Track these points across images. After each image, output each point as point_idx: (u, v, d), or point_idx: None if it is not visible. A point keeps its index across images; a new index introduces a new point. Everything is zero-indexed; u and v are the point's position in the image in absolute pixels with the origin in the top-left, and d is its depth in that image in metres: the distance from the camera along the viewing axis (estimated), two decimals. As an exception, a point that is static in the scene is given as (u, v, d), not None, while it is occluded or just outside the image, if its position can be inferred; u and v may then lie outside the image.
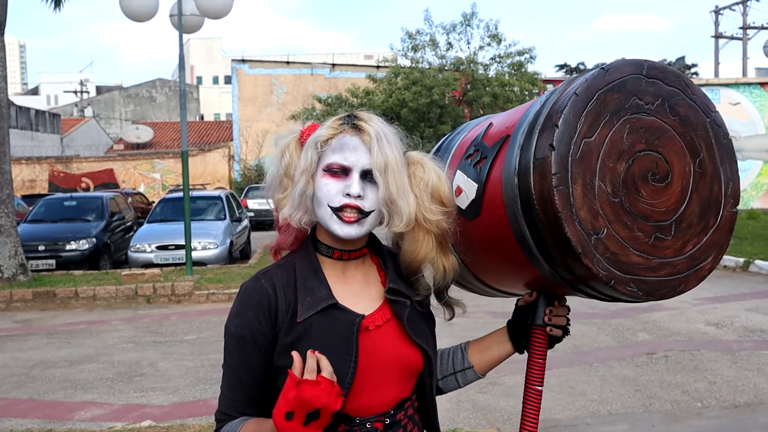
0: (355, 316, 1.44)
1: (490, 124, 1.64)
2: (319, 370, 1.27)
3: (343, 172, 1.43)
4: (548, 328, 1.62)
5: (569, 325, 1.65)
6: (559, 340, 1.65)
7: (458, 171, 1.63)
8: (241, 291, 1.48)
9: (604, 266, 1.36)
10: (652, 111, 1.42)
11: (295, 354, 1.28)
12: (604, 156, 1.38)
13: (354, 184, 1.41)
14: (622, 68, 1.42)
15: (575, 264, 1.37)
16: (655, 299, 1.43)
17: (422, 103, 18.60)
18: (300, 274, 1.47)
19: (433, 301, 1.61)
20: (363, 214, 1.42)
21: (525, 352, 1.68)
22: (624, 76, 1.41)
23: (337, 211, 1.42)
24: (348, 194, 1.41)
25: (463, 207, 1.58)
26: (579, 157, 1.36)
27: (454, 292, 1.64)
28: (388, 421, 1.46)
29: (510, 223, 1.45)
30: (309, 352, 1.28)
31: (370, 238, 1.55)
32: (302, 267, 1.48)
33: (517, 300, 1.70)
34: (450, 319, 1.63)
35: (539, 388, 1.66)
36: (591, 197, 1.36)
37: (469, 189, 1.56)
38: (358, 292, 1.50)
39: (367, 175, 1.43)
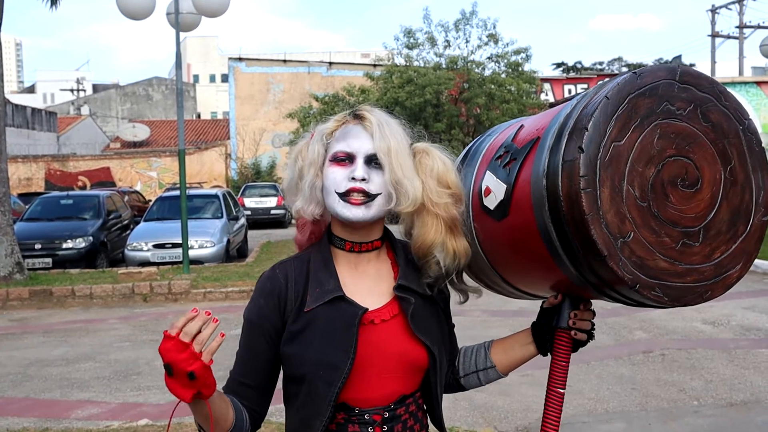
0: (359, 309, 1.48)
1: (521, 126, 1.65)
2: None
3: (348, 159, 1.49)
4: (573, 332, 1.62)
5: (594, 329, 1.65)
6: (583, 344, 1.65)
7: (488, 172, 1.63)
8: (258, 280, 1.57)
9: (630, 270, 1.36)
10: (684, 117, 1.42)
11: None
12: (634, 160, 1.38)
13: (358, 168, 1.47)
14: (655, 73, 1.42)
15: (601, 267, 1.38)
16: (680, 305, 1.42)
17: (415, 103, 18.57)
18: (313, 266, 1.53)
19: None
20: (369, 197, 1.47)
21: (548, 354, 1.68)
22: (656, 81, 1.41)
23: (344, 196, 1.47)
24: (353, 178, 1.46)
25: (492, 207, 1.58)
26: (608, 160, 1.37)
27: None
28: (387, 414, 1.49)
29: (537, 224, 1.45)
30: (191, 312, 1.28)
31: (385, 232, 1.59)
32: (315, 259, 1.54)
33: (543, 302, 1.70)
34: (463, 302, 1.66)
35: (562, 391, 1.65)
36: (619, 201, 1.36)
37: (498, 189, 1.57)
38: (369, 286, 1.54)
39: (371, 161, 1.48)
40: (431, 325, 1.55)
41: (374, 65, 27.49)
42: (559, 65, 45.41)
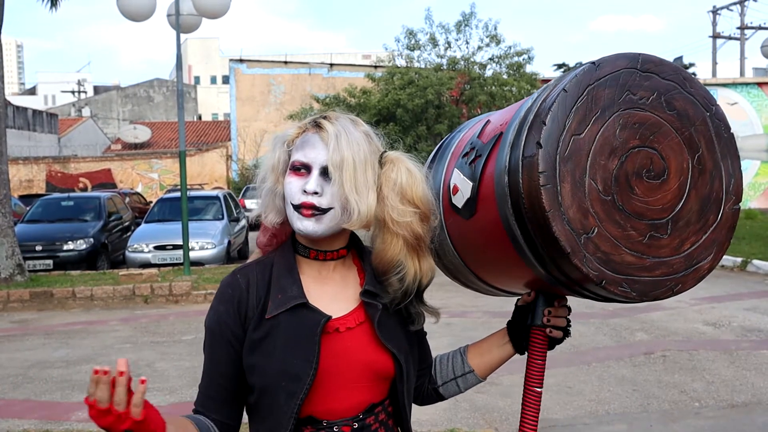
0: (321, 316, 1.43)
1: (488, 121, 1.62)
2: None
3: (305, 169, 1.44)
4: (547, 329, 1.58)
5: (570, 326, 1.62)
6: (559, 341, 1.62)
7: (455, 169, 1.60)
8: (219, 286, 1.50)
9: (595, 266, 1.33)
10: (647, 106, 1.38)
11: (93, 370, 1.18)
12: (595, 153, 1.35)
13: (311, 180, 1.42)
14: (614, 62, 1.38)
15: (565, 264, 1.34)
16: (649, 300, 1.39)
17: (417, 104, 18.57)
18: (276, 272, 1.48)
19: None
20: (320, 210, 1.42)
21: (526, 353, 1.65)
22: (616, 70, 1.37)
23: (298, 208, 1.43)
24: (305, 191, 1.42)
25: (460, 206, 1.56)
26: (568, 154, 1.33)
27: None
28: (356, 425, 1.44)
29: (502, 222, 1.42)
30: (93, 374, 1.18)
31: (352, 238, 1.54)
32: (279, 265, 1.49)
33: (517, 300, 1.67)
34: (419, 326, 1.56)
35: (539, 389, 1.63)
36: (581, 195, 1.33)
37: (464, 187, 1.54)
38: (334, 293, 1.49)
39: (326, 172, 1.43)
40: (398, 333, 1.49)
41: (375, 66, 27.46)
42: (560, 66, 45.39)
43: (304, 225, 1.42)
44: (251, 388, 1.45)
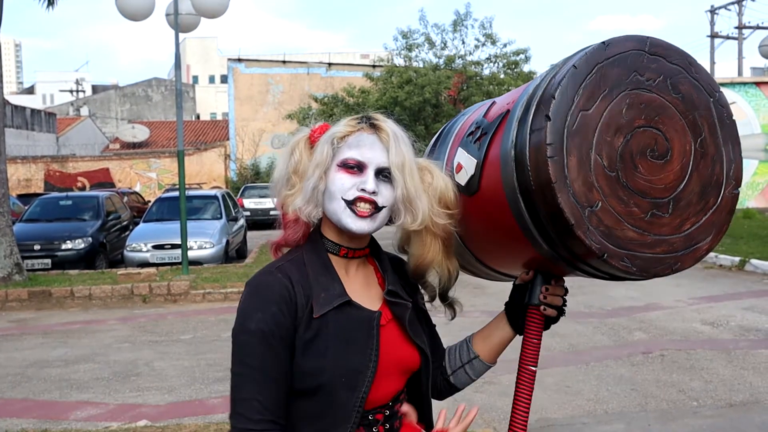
0: (372, 312, 1.47)
1: (493, 103, 1.65)
2: None
3: (358, 167, 1.45)
4: (542, 307, 1.60)
5: (565, 305, 1.64)
6: (555, 320, 1.64)
7: (459, 148, 1.63)
8: (255, 286, 1.44)
9: (597, 239, 1.35)
10: (653, 88, 1.41)
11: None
12: (602, 129, 1.37)
13: (369, 180, 1.44)
14: (623, 43, 1.41)
15: (568, 237, 1.36)
16: (649, 276, 1.41)
17: (415, 102, 18.59)
18: (311, 270, 1.47)
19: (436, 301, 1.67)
20: (377, 209, 1.45)
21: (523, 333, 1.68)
22: (625, 51, 1.40)
23: (351, 204, 1.44)
24: (363, 189, 1.43)
25: (463, 183, 1.58)
26: (575, 129, 1.35)
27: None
28: (387, 412, 1.51)
29: (507, 197, 1.44)
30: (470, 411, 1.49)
31: (370, 239, 1.57)
32: (312, 262, 1.48)
33: (515, 279, 1.69)
34: (452, 318, 1.67)
35: (533, 368, 1.64)
36: (586, 169, 1.35)
37: (468, 165, 1.56)
38: (361, 290, 1.52)
39: (380, 173, 1.45)
40: (420, 328, 1.57)
41: (374, 66, 27.46)
42: (558, 66, 45.45)
43: (359, 225, 1.44)
44: (300, 390, 1.42)
